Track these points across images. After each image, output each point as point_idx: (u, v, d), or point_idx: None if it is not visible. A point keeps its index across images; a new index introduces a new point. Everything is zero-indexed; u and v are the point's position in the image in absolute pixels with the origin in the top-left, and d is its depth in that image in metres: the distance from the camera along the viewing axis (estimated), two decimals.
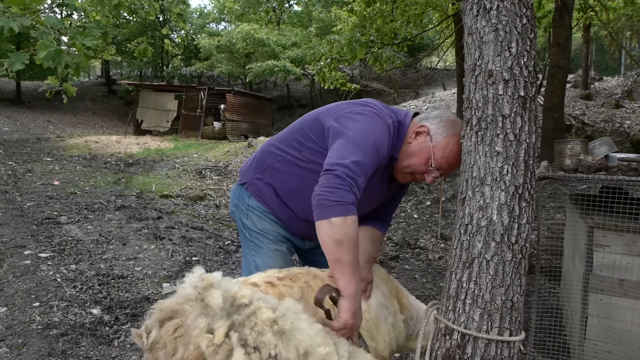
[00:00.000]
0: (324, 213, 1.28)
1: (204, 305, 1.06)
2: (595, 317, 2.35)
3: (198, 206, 6.97)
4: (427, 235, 5.71)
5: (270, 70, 19.06)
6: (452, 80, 18.42)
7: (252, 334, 1.04)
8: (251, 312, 1.08)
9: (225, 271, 4.09)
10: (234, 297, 1.09)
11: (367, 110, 1.50)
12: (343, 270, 1.29)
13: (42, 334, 2.73)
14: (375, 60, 7.59)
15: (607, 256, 2.27)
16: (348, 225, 1.27)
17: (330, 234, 1.27)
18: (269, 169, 1.67)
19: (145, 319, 1.15)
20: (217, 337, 1.01)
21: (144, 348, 1.10)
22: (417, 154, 1.52)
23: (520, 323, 1.36)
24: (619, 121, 9.34)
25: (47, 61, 2.77)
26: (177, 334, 1.06)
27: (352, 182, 1.31)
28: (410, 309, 1.64)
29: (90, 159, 10.86)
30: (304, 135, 1.60)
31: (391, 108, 1.61)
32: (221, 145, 14.04)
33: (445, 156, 1.50)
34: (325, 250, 1.31)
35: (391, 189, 1.69)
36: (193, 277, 1.15)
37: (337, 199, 1.28)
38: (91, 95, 25.30)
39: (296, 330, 1.09)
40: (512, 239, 1.32)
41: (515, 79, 1.34)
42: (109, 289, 3.50)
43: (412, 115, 1.62)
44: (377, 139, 1.43)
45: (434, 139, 1.51)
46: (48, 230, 4.87)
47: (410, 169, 1.55)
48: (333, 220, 1.27)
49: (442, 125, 1.53)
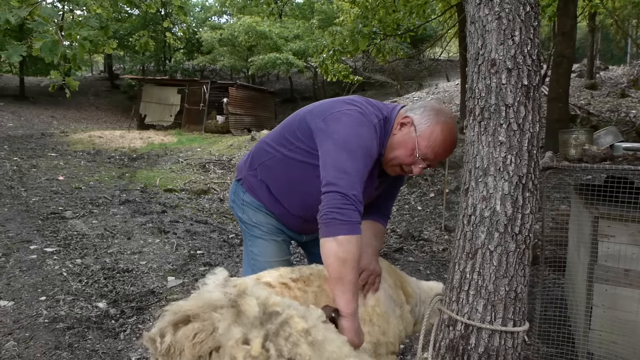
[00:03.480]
0: (331, 231, 1.31)
1: (237, 313, 1.02)
2: (600, 308, 2.34)
3: (202, 200, 6.99)
4: (431, 227, 5.70)
5: (273, 63, 19.00)
6: (456, 71, 18.28)
7: (287, 345, 1.01)
8: (284, 321, 1.05)
9: (230, 264, 4.11)
10: (265, 304, 1.06)
11: (353, 110, 1.49)
12: (344, 289, 1.30)
13: (49, 328, 2.75)
14: (378, 51, 7.53)
15: (612, 246, 2.26)
16: (352, 244, 1.30)
17: (336, 251, 1.29)
18: (262, 166, 1.70)
19: (158, 322, 1.09)
20: (254, 349, 0.97)
21: (158, 353, 1.04)
22: (402, 145, 1.51)
23: (524, 314, 1.35)
24: (625, 111, 9.25)
25: (43, 52, 2.76)
26: (197, 339, 1.01)
27: (355, 200, 1.33)
28: (414, 297, 1.64)
29: (95, 154, 10.90)
30: (292, 134, 1.61)
31: (377, 105, 1.60)
32: (224, 139, 14.05)
33: (430, 145, 1.48)
34: (328, 268, 1.33)
35: (383, 183, 1.69)
36: (217, 280, 1.12)
37: (345, 218, 1.30)
38: (94, 90, 25.33)
39: (327, 341, 1.07)
40: (516, 230, 1.31)
41: (519, 68, 1.32)
42: (115, 282, 3.53)
43: (399, 108, 1.61)
44: (367, 142, 1.43)
45: (418, 129, 1.50)
46: (53, 225, 4.91)
47: (397, 161, 1.54)
48: (339, 238, 1.29)
49: (425, 115, 1.51)
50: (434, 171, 7.33)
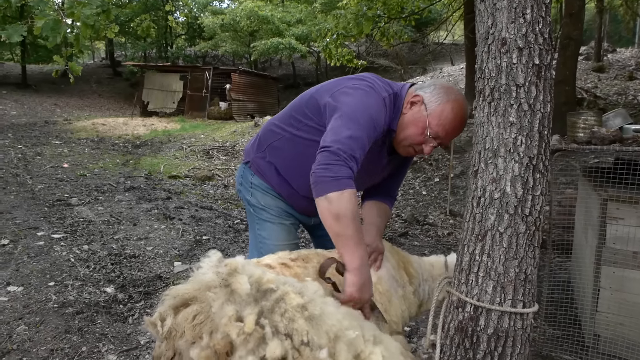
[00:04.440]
0: (320, 190, 1.29)
1: (230, 292, 1.03)
2: (607, 290, 2.34)
3: (206, 186, 7.00)
4: (436, 211, 5.69)
5: (275, 48, 18.82)
6: (461, 55, 18.06)
7: (283, 321, 1.01)
8: (279, 297, 1.04)
9: (236, 250, 4.13)
10: (259, 281, 1.06)
11: (362, 85, 1.49)
12: (345, 243, 1.29)
13: (59, 312, 2.78)
14: (382, 35, 7.44)
15: (620, 229, 2.24)
16: (345, 199, 1.27)
17: (329, 209, 1.27)
18: (270, 147, 1.69)
19: (158, 306, 1.10)
20: (247, 326, 0.97)
21: (160, 337, 1.05)
22: (412, 124, 1.50)
23: (534, 295, 1.35)
24: (633, 94, 9.13)
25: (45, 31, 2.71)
26: (196, 321, 1.02)
27: (347, 157, 1.30)
28: (417, 277, 1.64)
29: (98, 142, 10.91)
30: (301, 113, 1.60)
31: (387, 81, 1.59)
32: (228, 125, 14.02)
33: (441, 124, 1.47)
34: (326, 226, 1.31)
35: (393, 162, 1.68)
36: (211, 262, 1.12)
37: (332, 174, 1.27)
38: (96, 78, 25.24)
39: (325, 315, 1.07)
40: (526, 211, 1.30)
41: (530, 47, 1.29)
42: (122, 268, 3.56)
43: (408, 86, 1.60)
44: (373, 111, 1.42)
45: (428, 107, 1.48)
46: (60, 212, 4.94)
47: (408, 141, 1.53)
48: (330, 195, 1.27)
49: (436, 93, 1.50)
50: (440, 156, 7.30)
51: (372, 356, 1.08)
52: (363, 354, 1.08)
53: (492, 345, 1.33)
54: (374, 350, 1.09)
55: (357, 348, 1.08)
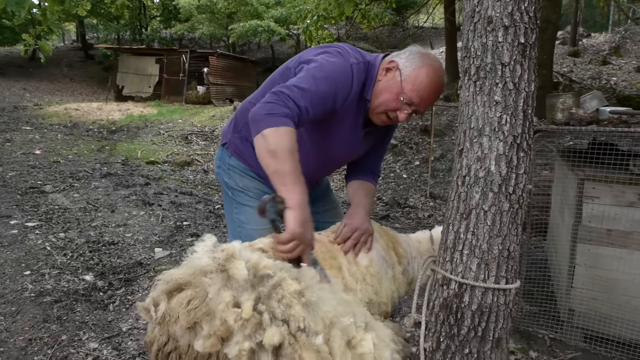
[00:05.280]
0: (256, 128, 1.28)
1: (226, 277, 1.02)
2: (582, 267, 2.41)
3: (186, 172, 6.90)
4: (416, 194, 5.76)
5: (254, 31, 18.45)
6: (440, 39, 18.10)
7: (280, 307, 1.01)
8: (276, 283, 1.05)
9: (217, 234, 4.10)
10: (256, 267, 1.06)
11: (331, 50, 1.50)
12: (283, 181, 1.24)
13: (36, 302, 2.72)
14: (363, 17, 7.38)
15: (596, 207, 2.31)
16: (280, 135, 1.25)
17: (264, 146, 1.25)
18: (246, 125, 1.65)
19: (151, 291, 1.10)
20: (245, 311, 0.97)
21: (153, 322, 1.05)
22: (386, 90, 1.49)
23: (516, 271, 1.38)
24: (606, 78, 9.35)
25: (10, 5, 2.55)
26: (191, 306, 1.01)
27: (286, 98, 1.29)
28: (406, 256, 1.65)
29: (72, 127, 10.58)
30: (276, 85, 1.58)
31: (360, 51, 1.57)
32: (206, 109, 13.77)
33: (415, 89, 1.45)
34: (264, 165, 1.28)
35: (371, 135, 1.66)
36: (206, 247, 1.11)
37: (267, 111, 1.26)
38: (67, 61, 24.35)
39: (321, 301, 1.07)
40: (510, 189, 1.31)
41: (516, 25, 1.29)
42: (101, 255, 3.49)
43: (382, 56, 1.58)
44: (334, 71, 1.42)
45: (403, 72, 1.47)
46: (33, 200, 4.79)
47: (382, 108, 1.51)
48: (265, 132, 1.25)
49: (411, 58, 1.49)
50: (420, 139, 7.36)
51: (364, 342, 1.10)
52: (355, 340, 1.10)
53: (476, 320, 1.36)
54: (365, 336, 1.11)
55: (349, 334, 1.09)
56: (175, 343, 1.03)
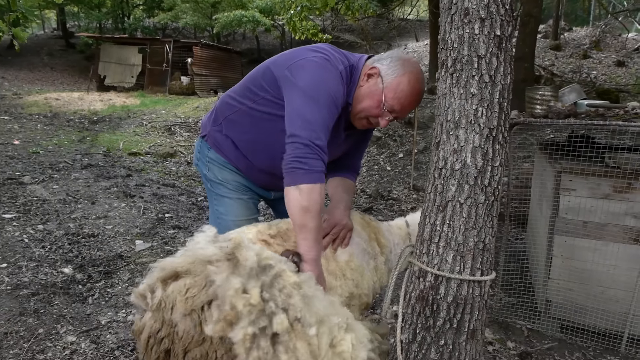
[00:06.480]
0: (293, 179, 1.31)
1: (234, 265, 1.05)
2: (559, 258, 2.46)
3: (168, 163, 6.81)
4: (399, 186, 5.79)
5: (239, 21, 18.19)
6: (425, 31, 18.11)
7: (281, 296, 1.05)
8: (277, 273, 1.09)
9: (199, 226, 4.06)
10: (260, 257, 1.09)
11: (318, 57, 1.46)
12: (307, 236, 1.32)
13: (12, 295, 2.66)
14: (347, 8, 7.34)
15: (572, 200, 2.35)
16: (316, 192, 1.31)
17: (299, 200, 1.30)
18: (226, 120, 1.66)
19: (146, 278, 1.12)
20: (254, 297, 1.01)
21: (149, 308, 1.07)
22: (369, 96, 1.49)
23: (491, 263, 1.39)
24: (586, 71, 9.50)
25: None
26: (189, 294, 1.04)
27: (319, 150, 1.33)
28: (388, 245, 1.67)
29: (52, 117, 10.33)
30: (257, 85, 1.57)
31: (343, 52, 1.57)
32: (190, 100, 13.59)
33: (397, 97, 1.47)
34: (292, 215, 1.34)
35: (351, 136, 1.67)
36: (207, 237, 1.14)
37: (308, 167, 1.30)
38: (48, 50, 23.72)
39: (315, 298, 1.12)
40: (485, 182, 1.32)
41: (492, 18, 1.29)
42: (80, 247, 3.43)
43: (365, 58, 1.58)
44: (332, 89, 1.41)
45: (385, 80, 1.48)
46: (11, 191, 4.67)
47: (364, 114, 1.52)
48: (301, 186, 1.30)
49: (392, 66, 1.49)
50: (404, 132, 7.39)
51: (343, 342, 1.13)
52: (335, 339, 1.12)
53: (452, 312, 1.37)
54: (345, 337, 1.14)
55: (334, 333, 1.13)
56: (169, 329, 1.04)
